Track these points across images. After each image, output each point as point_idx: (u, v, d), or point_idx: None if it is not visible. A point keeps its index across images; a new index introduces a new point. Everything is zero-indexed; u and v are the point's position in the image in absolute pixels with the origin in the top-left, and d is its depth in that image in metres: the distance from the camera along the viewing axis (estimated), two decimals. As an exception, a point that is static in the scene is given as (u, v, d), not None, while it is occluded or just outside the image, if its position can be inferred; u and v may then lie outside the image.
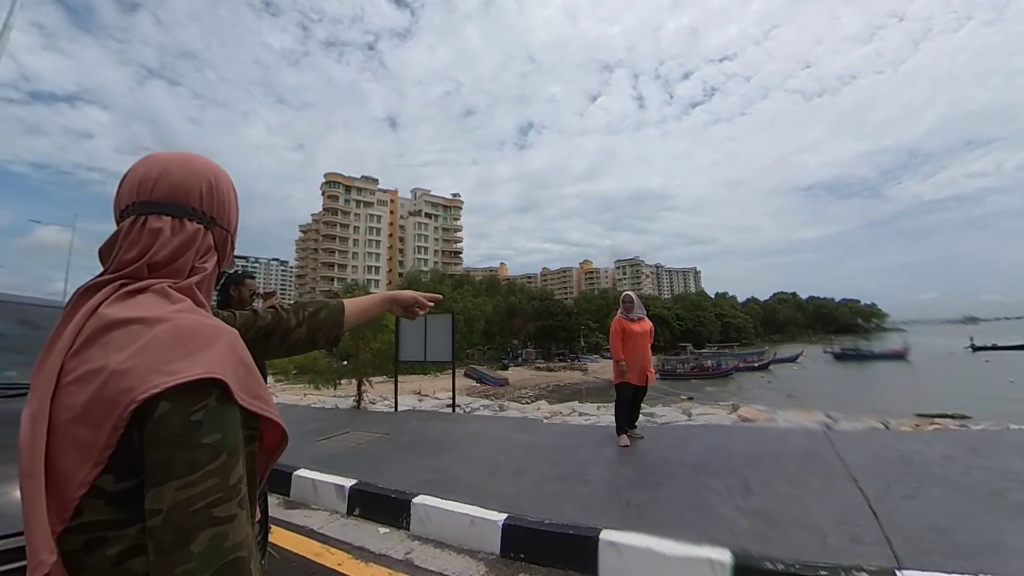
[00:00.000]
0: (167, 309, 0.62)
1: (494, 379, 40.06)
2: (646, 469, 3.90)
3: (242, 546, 0.55)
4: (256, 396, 0.62)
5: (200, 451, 0.54)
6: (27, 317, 2.46)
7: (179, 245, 0.69)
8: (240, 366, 0.62)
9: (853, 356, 56.48)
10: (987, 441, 4.27)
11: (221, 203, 0.74)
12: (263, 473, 0.71)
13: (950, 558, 2.27)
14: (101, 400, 0.54)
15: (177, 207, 0.70)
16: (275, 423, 0.66)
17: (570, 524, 2.80)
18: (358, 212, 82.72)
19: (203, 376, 0.56)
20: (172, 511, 0.52)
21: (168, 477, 0.52)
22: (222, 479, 0.54)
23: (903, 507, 2.86)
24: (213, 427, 0.55)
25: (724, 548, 2.39)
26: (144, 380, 0.54)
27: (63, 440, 0.55)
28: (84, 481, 0.54)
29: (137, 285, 0.65)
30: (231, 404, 0.58)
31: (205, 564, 0.52)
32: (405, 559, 2.85)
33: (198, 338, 0.60)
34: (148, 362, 0.55)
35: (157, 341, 0.57)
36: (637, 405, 5.04)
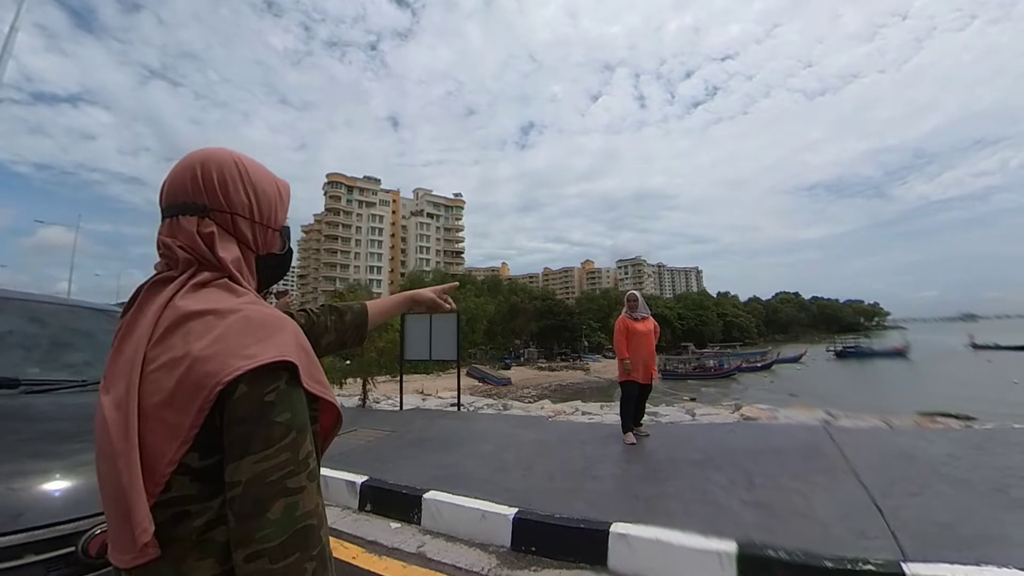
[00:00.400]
0: (235, 301, 0.68)
1: (497, 378, 40.15)
2: (652, 465, 3.96)
3: (312, 514, 0.61)
4: (317, 380, 0.68)
5: (274, 428, 0.60)
6: (35, 315, 2.48)
7: (184, 242, 0.72)
8: (303, 352, 0.67)
9: (854, 354, 56.43)
10: (991, 439, 4.32)
11: (211, 187, 0.73)
12: (323, 450, 0.76)
13: (954, 550, 2.32)
14: (187, 384, 0.59)
15: (171, 207, 0.74)
16: (332, 405, 0.72)
17: (580, 517, 2.85)
18: (360, 212, 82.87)
19: (276, 359, 0.62)
20: (250, 483, 0.58)
21: (246, 452, 0.58)
22: (293, 454, 0.60)
23: (908, 503, 2.90)
24: (284, 407, 0.61)
25: (730, 539, 2.44)
26: (227, 364, 0.59)
27: (152, 422, 0.60)
28: (173, 459, 0.59)
29: (201, 278, 0.70)
30: (298, 387, 0.64)
31: (280, 530, 0.58)
32: (418, 552, 2.91)
33: (267, 326, 0.66)
34: (227, 348, 0.61)
35: (232, 329, 0.63)
36: (642, 403, 5.10)
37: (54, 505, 1.36)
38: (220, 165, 0.75)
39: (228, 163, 0.76)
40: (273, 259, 0.83)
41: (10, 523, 1.25)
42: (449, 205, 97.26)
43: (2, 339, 2.28)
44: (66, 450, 1.59)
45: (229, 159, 0.76)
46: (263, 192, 0.79)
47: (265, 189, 0.79)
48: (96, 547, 1.31)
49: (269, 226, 0.81)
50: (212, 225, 0.73)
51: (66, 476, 1.45)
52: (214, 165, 0.74)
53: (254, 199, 0.77)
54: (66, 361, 2.42)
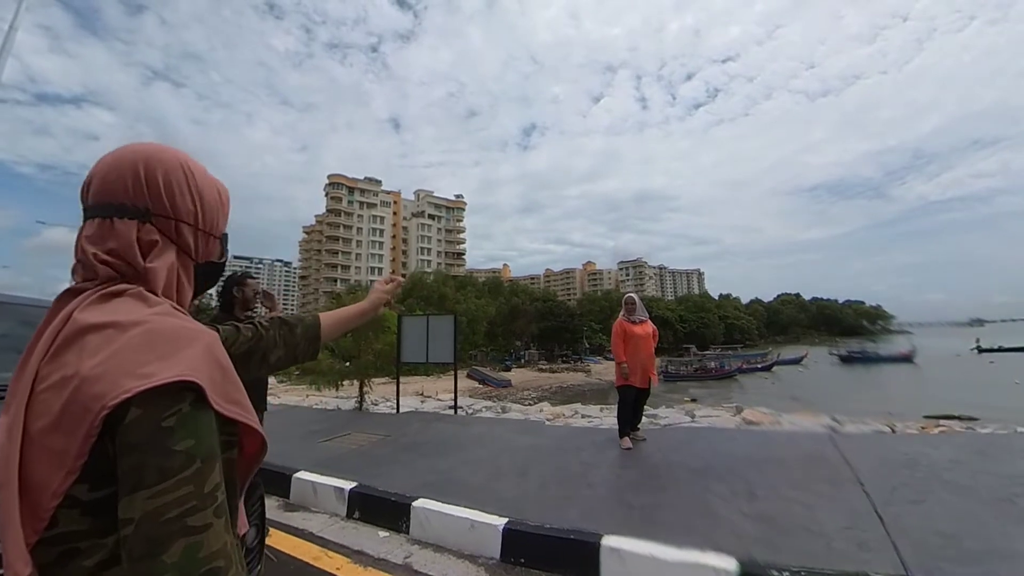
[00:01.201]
0: (144, 312, 0.60)
1: (497, 380, 40.02)
2: (649, 472, 3.86)
3: (218, 555, 0.53)
4: (233, 401, 0.60)
5: (172, 458, 0.52)
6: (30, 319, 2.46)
7: (114, 248, 0.65)
8: (216, 369, 0.60)
9: (859, 359, 56.04)
10: (994, 444, 4.22)
11: (155, 191, 0.67)
12: (243, 481, 0.68)
13: (958, 564, 2.23)
14: (73, 407, 0.52)
15: (104, 207, 0.66)
16: (254, 430, 0.64)
17: (571, 529, 2.76)
18: (361, 213, 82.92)
19: (176, 379, 0.54)
20: (143, 520, 0.50)
21: (139, 485, 0.50)
22: (196, 487, 0.52)
23: (910, 512, 2.81)
24: (186, 433, 0.53)
25: (729, 555, 2.35)
26: (116, 385, 0.52)
27: (37, 449, 0.53)
28: (57, 491, 0.52)
29: (113, 289, 0.63)
30: (206, 409, 0.56)
31: (179, 574, 0.50)
32: (404, 563, 2.82)
33: (173, 341, 0.58)
34: (120, 366, 0.53)
35: (130, 345, 0.55)
36: (640, 407, 5.01)
37: None
38: (167, 167, 0.69)
39: (175, 165, 0.70)
40: (211, 267, 0.78)
41: None
42: (450, 206, 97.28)
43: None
44: None
45: (175, 161, 0.70)
46: (208, 198, 0.74)
47: (210, 195, 0.74)
48: None
49: (211, 234, 0.76)
50: (155, 232, 0.68)
51: None
52: (160, 166, 0.68)
53: (199, 205, 0.72)
54: None
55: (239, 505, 0.72)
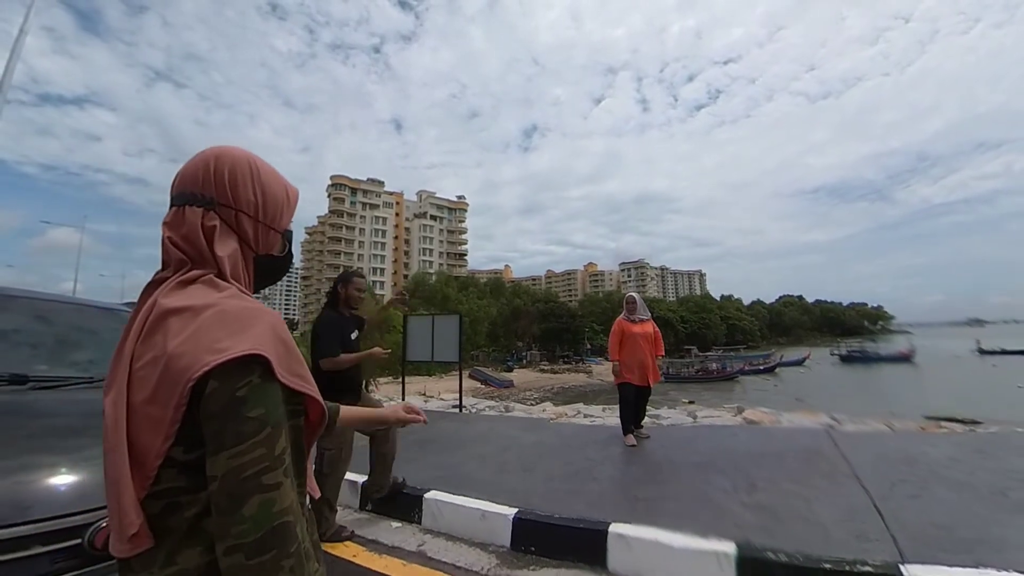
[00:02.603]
0: (215, 296, 0.69)
1: (499, 381, 40.15)
2: (653, 467, 3.96)
3: (288, 511, 0.62)
4: (296, 374, 0.69)
5: (246, 423, 0.61)
6: (42, 312, 2.52)
7: (184, 233, 0.74)
8: (280, 345, 0.68)
9: (859, 358, 56.15)
10: (993, 443, 4.30)
11: (220, 182, 0.76)
12: (309, 446, 0.77)
13: (952, 552, 2.32)
14: (165, 381, 0.62)
15: (179, 196, 0.76)
16: (316, 400, 0.73)
17: (580, 518, 2.86)
18: (364, 214, 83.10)
19: (247, 352, 0.63)
20: (225, 478, 0.59)
21: (220, 447, 0.60)
22: (268, 449, 0.61)
23: (907, 505, 2.90)
24: (257, 402, 0.62)
25: (729, 540, 2.45)
26: (197, 360, 0.61)
27: (140, 418, 0.63)
28: (159, 452, 0.62)
29: (188, 276, 0.72)
30: (273, 380, 0.65)
31: (256, 526, 0.59)
32: (418, 551, 2.92)
33: (241, 320, 0.67)
34: (200, 343, 0.63)
35: (205, 324, 0.64)
36: (642, 405, 5.09)
37: (61, 498, 1.39)
38: (233, 162, 0.78)
39: (241, 161, 0.78)
40: (271, 261, 0.85)
41: (18, 515, 1.28)
42: (452, 207, 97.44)
43: (10, 336, 2.32)
44: (72, 445, 1.62)
45: (243, 157, 0.79)
46: (271, 193, 0.81)
47: (274, 191, 0.82)
48: (102, 539, 1.34)
49: (272, 227, 0.82)
50: (216, 219, 0.76)
51: (72, 470, 1.48)
52: (227, 161, 0.77)
53: (261, 198, 0.80)
54: (73, 358, 2.46)
55: (309, 470, 0.82)
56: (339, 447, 3.10)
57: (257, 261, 0.83)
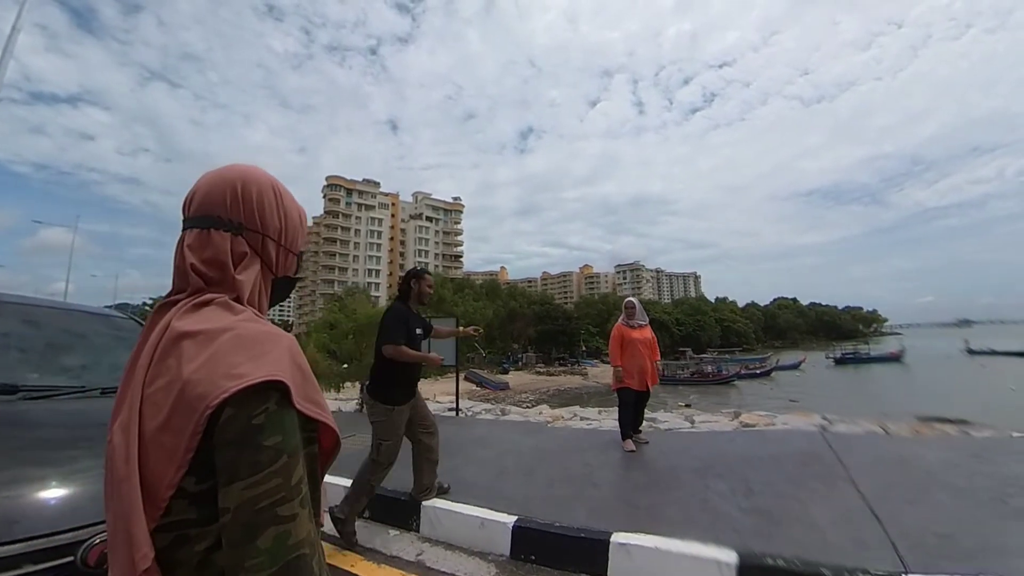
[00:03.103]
0: (230, 319, 0.67)
1: (494, 383, 40.04)
2: (652, 473, 3.95)
3: (304, 543, 0.59)
4: (312, 401, 0.66)
5: (262, 452, 0.58)
6: (31, 318, 2.47)
7: (210, 257, 0.72)
8: (297, 371, 0.65)
9: (852, 360, 56.88)
10: (989, 448, 4.30)
11: (249, 208, 0.75)
12: (322, 474, 0.73)
13: (954, 561, 2.31)
14: (180, 407, 0.59)
15: (203, 219, 0.74)
16: (330, 428, 0.70)
17: (581, 527, 2.84)
18: (359, 215, 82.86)
19: (266, 379, 0.60)
20: (239, 509, 0.56)
21: (235, 477, 0.57)
22: (284, 479, 0.58)
23: (906, 511, 2.90)
24: (274, 430, 0.59)
25: (730, 548, 2.43)
26: (215, 386, 0.58)
27: (152, 446, 0.60)
28: (171, 483, 0.58)
29: (203, 298, 0.70)
30: (290, 408, 0.62)
31: (271, 559, 0.56)
32: (417, 560, 2.89)
33: (259, 344, 0.64)
34: (217, 369, 0.60)
35: (223, 349, 0.62)
36: (640, 410, 5.08)
37: (52, 513, 1.34)
38: (260, 187, 0.77)
39: (267, 186, 0.78)
40: (286, 281, 0.85)
41: (6, 532, 1.23)
42: (448, 209, 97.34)
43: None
44: (64, 457, 1.58)
45: (268, 182, 0.79)
46: (291, 218, 0.81)
47: (293, 216, 0.82)
48: (95, 557, 1.30)
49: (291, 250, 0.82)
50: (244, 245, 0.75)
51: (64, 484, 1.44)
52: (255, 186, 0.76)
53: (284, 223, 0.80)
54: (63, 366, 2.40)
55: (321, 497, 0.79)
56: (396, 438, 3.13)
57: (274, 283, 0.82)
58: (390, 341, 3.07)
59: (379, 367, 3.18)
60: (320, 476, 0.73)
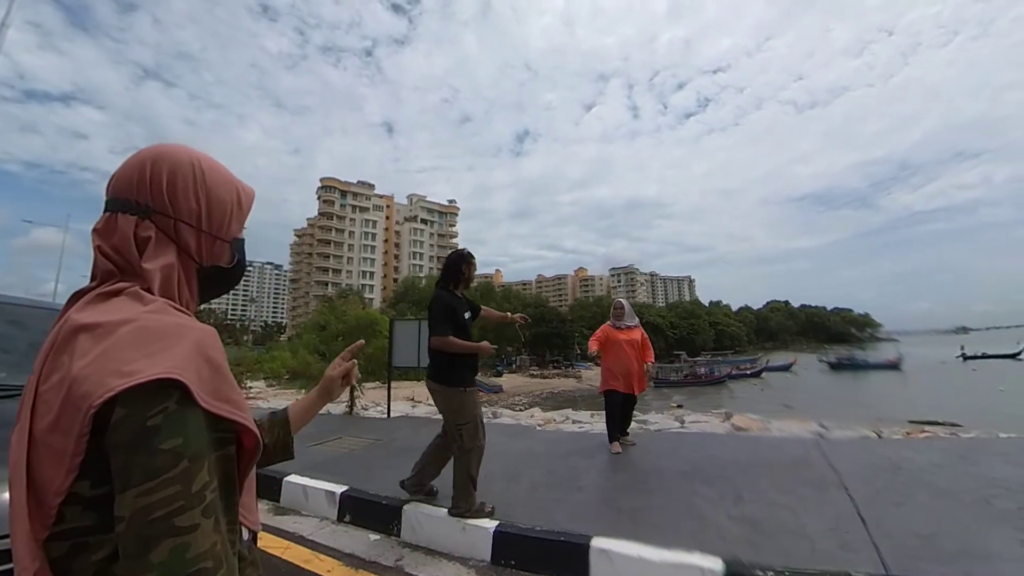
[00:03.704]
0: (136, 310, 0.60)
1: (488, 386, 39.94)
2: (638, 476, 3.90)
3: (206, 556, 0.53)
4: (224, 399, 0.59)
5: (158, 457, 0.52)
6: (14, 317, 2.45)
7: (116, 243, 0.66)
8: (205, 366, 0.59)
9: (848, 366, 56.93)
10: (976, 449, 4.30)
11: (158, 188, 0.68)
12: (243, 477, 0.66)
13: (937, 564, 2.29)
14: (67, 407, 0.54)
15: (112, 201, 0.68)
16: (247, 428, 0.63)
17: (561, 531, 2.79)
18: (354, 217, 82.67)
19: (159, 376, 0.54)
20: (132, 519, 0.51)
21: (127, 484, 0.51)
22: (183, 486, 0.52)
23: (891, 514, 2.87)
24: (172, 432, 0.53)
25: (715, 555, 2.39)
26: (101, 384, 0.52)
27: (41, 448, 0.55)
28: (60, 489, 0.53)
29: (111, 288, 0.64)
30: (194, 407, 0.56)
31: (166, 574, 0.50)
32: (396, 565, 2.83)
33: (161, 338, 0.58)
34: (106, 366, 0.54)
35: (118, 343, 0.56)
36: (628, 412, 5.04)
37: None
38: (173, 165, 0.69)
39: (183, 164, 0.70)
40: (219, 272, 0.77)
41: None
42: (443, 211, 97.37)
43: None
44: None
45: (186, 160, 0.71)
46: (217, 199, 0.73)
47: (220, 196, 0.74)
48: None
49: (218, 236, 0.74)
50: (152, 229, 0.68)
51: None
52: (166, 165, 0.69)
53: (204, 206, 0.72)
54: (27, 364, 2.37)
55: (251, 502, 0.74)
56: (474, 418, 3.09)
57: (203, 272, 0.74)
58: (436, 333, 3.03)
59: (437, 356, 3.15)
60: (242, 478, 0.66)
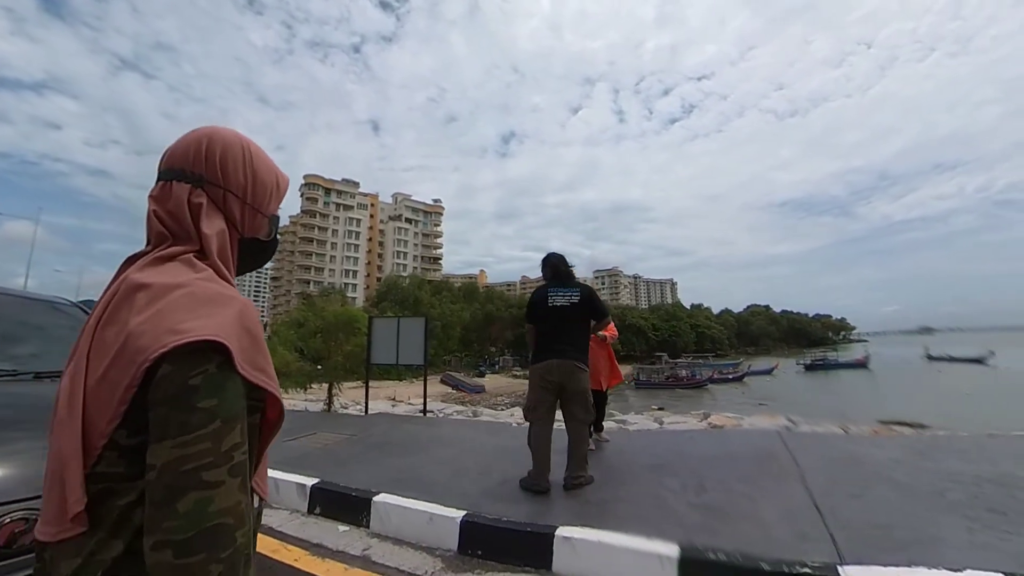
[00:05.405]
0: (189, 275, 0.66)
1: (470, 386, 39.87)
2: (607, 470, 3.95)
3: (227, 512, 0.57)
4: (259, 368, 0.65)
5: (194, 414, 0.56)
6: None
7: (171, 207, 0.73)
8: (245, 335, 0.64)
9: (821, 366, 58.69)
10: (934, 446, 4.45)
11: (212, 161, 0.75)
12: (264, 445, 0.73)
13: (889, 552, 2.37)
14: (121, 359, 0.59)
15: (167, 171, 0.75)
16: (276, 398, 0.69)
17: (528, 521, 2.83)
18: (337, 215, 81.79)
19: (206, 338, 0.59)
20: (164, 469, 0.55)
21: (164, 436, 0.56)
22: (214, 444, 0.57)
23: (848, 505, 2.96)
24: (210, 392, 0.58)
25: (672, 542, 2.45)
26: (156, 340, 0.57)
27: (91, 394, 0.60)
28: (103, 432, 0.58)
29: (166, 252, 0.70)
30: (232, 372, 0.61)
31: (188, 524, 0.54)
32: (362, 555, 2.84)
33: (210, 304, 0.63)
34: (162, 323, 0.59)
35: (171, 304, 0.61)
36: (600, 409, 5.06)
37: None
38: (226, 143, 0.77)
39: (234, 142, 0.78)
40: (257, 244, 0.84)
41: None
42: (428, 211, 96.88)
43: None
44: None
45: (236, 139, 0.79)
46: (261, 178, 0.81)
47: (264, 176, 0.82)
48: (4, 537, 1.26)
49: (259, 210, 0.82)
50: (203, 197, 0.74)
51: None
52: (220, 141, 0.77)
53: (251, 181, 0.80)
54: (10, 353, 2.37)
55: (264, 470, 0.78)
56: None
57: (242, 244, 0.82)
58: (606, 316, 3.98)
59: (585, 339, 3.80)
60: (262, 447, 0.72)
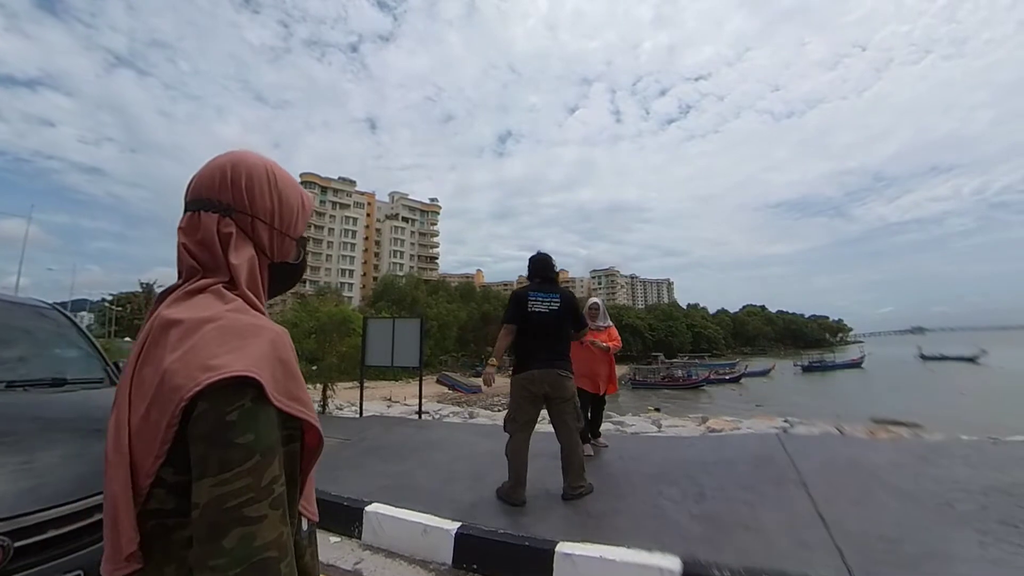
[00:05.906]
0: (219, 308, 0.66)
1: (467, 386, 39.70)
2: (605, 478, 3.87)
3: (272, 546, 0.57)
4: (294, 398, 0.64)
5: (233, 450, 0.56)
6: None
7: (201, 238, 0.72)
8: (279, 366, 0.64)
9: (818, 367, 59.00)
10: (936, 450, 4.38)
11: (238, 188, 0.74)
12: (305, 473, 0.72)
13: (900, 568, 2.29)
14: (159, 399, 0.59)
15: (193, 202, 0.74)
16: (312, 425, 0.68)
17: (526, 535, 2.74)
18: (334, 214, 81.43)
19: (238, 374, 0.58)
20: (207, 507, 0.55)
21: (204, 474, 0.56)
22: (255, 479, 0.57)
23: (852, 514, 2.88)
24: (246, 427, 0.58)
25: (674, 555, 2.37)
26: (190, 378, 0.57)
27: (136, 436, 0.61)
28: (150, 472, 0.59)
29: (196, 285, 0.69)
30: (266, 404, 0.60)
31: (234, 561, 0.54)
32: (354, 569, 2.75)
33: (240, 336, 0.63)
34: (195, 360, 0.59)
35: (203, 340, 0.61)
36: (598, 413, 4.98)
37: None
38: (250, 168, 0.76)
39: (259, 168, 0.77)
40: (286, 268, 0.84)
41: None
42: (425, 210, 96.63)
43: None
44: None
45: (261, 165, 0.78)
46: (287, 200, 0.80)
47: (289, 198, 0.80)
48: None
49: (287, 234, 0.81)
50: (232, 226, 0.74)
51: None
52: (244, 168, 0.76)
53: (277, 206, 0.78)
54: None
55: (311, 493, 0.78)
56: None
57: (272, 268, 0.81)
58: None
59: (566, 347, 3.68)
60: (304, 475, 0.72)
